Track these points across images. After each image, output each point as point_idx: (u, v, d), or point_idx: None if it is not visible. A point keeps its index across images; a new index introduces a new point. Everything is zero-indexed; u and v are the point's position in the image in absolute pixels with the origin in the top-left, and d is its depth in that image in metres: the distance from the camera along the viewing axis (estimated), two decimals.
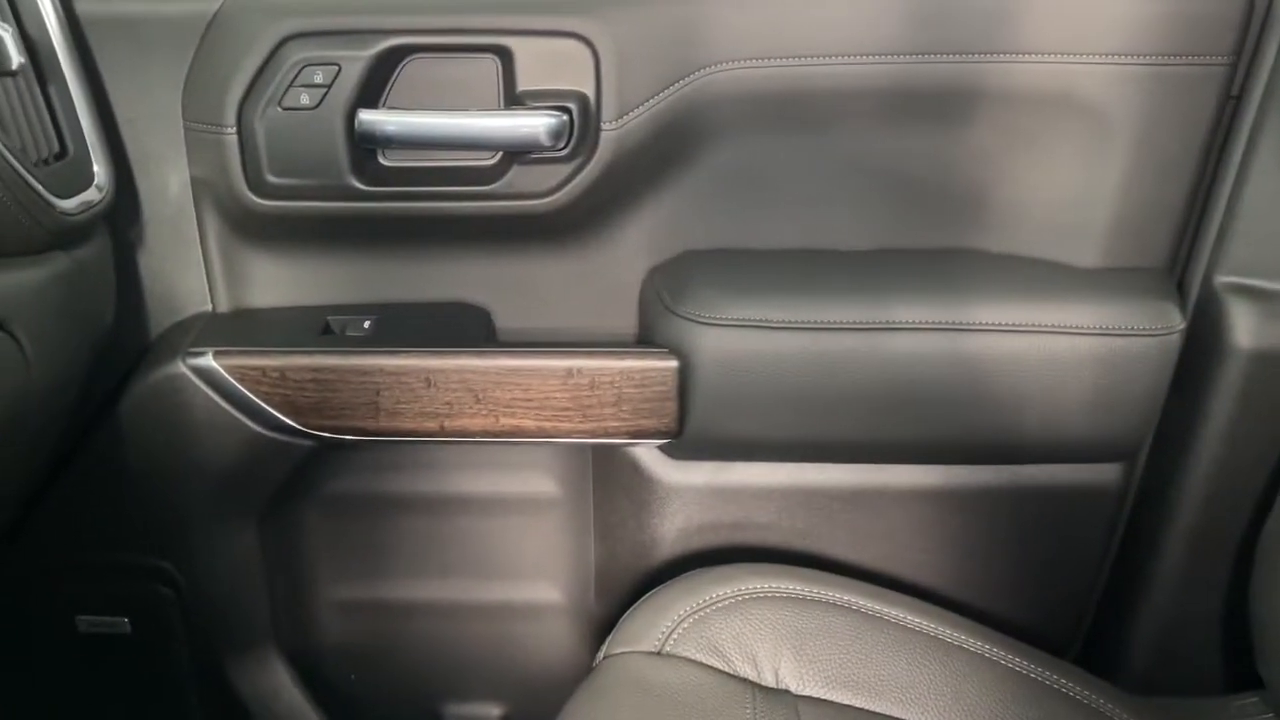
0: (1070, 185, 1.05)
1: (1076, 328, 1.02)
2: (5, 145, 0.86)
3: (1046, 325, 1.03)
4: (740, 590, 1.01)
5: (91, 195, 0.98)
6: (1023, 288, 1.05)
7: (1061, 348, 1.03)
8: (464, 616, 1.27)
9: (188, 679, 1.23)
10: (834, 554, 1.16)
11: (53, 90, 0.96)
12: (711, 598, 1.00)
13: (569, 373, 1.06)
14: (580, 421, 1.08)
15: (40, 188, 0.90)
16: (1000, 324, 1.03)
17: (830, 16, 1.00)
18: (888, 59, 1.00)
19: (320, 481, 1.20)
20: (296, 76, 0.99)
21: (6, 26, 0.89)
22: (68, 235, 0.96)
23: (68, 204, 0.94)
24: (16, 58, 0.89)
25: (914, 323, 1.03)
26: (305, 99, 1.00)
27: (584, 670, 1.01)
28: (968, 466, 1.12)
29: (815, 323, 1.04)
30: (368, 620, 1.28)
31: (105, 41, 1.02)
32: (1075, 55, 0.99)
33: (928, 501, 1.13)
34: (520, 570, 1.26)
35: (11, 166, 0.86)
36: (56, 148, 0.96)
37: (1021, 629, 1.11)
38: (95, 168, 0.99)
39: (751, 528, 1.16)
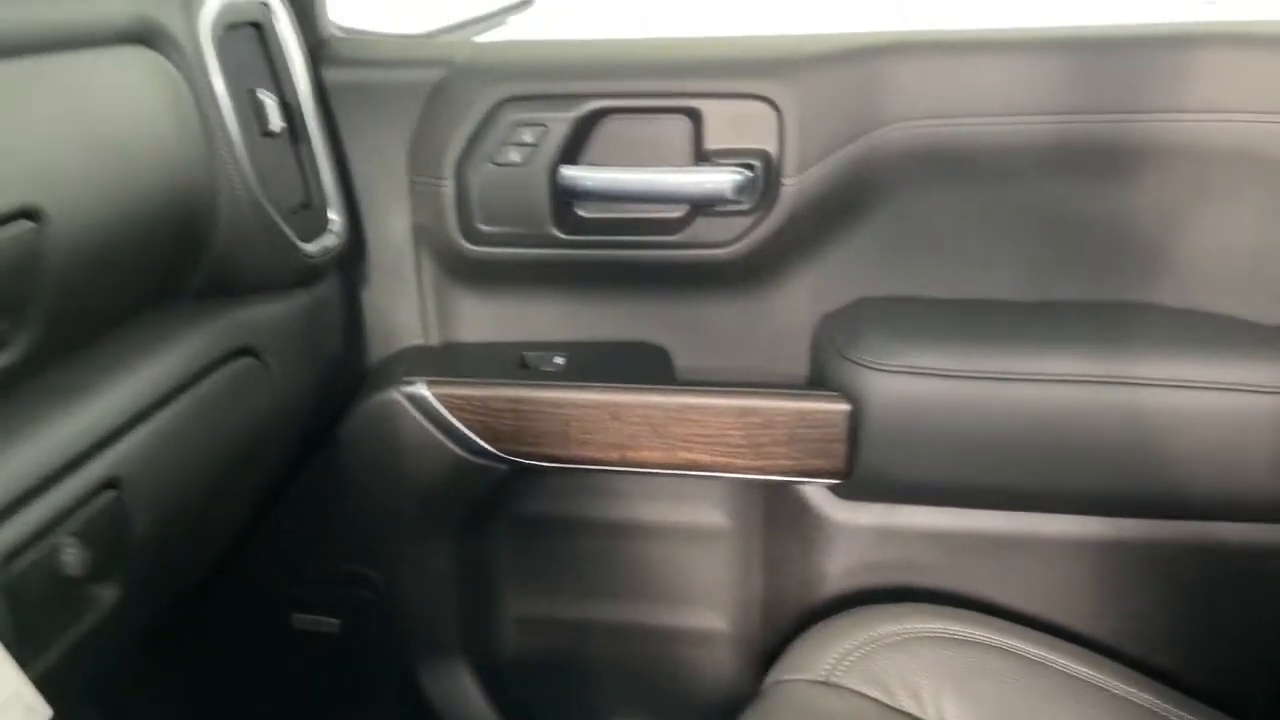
0: (1252, 241, 1.05)
1: (1260, 386, 1.02)
2: (267, 197, 1.00)
3: (1228, 383, 1.02)
4: (906, 629, 1.04)
5: (329, 240, 1.12)
6: (1201, 343, 1.05)
7: (1244, 405, 1.02)
8: (634, 637, 1.35)
9: (385, 678, 1.35)
10: (999, 599, 1.18)
11: (302, 148, 1.10)
12: (878, 634, 1.03)
13: (744, 412, 1.12)
14: (753, 459, 1.14)
15: (290, 233, 1.04)
16: (1177, 380, 1.03)
17: (1005, 77, 1.04)
18: (1062, 118, 1.03)
19: (511, 503, 1.30)
20: (509, 135, 1.11)
21: (271, 95, 1.04)
22: (309, 275, 1.10)
23: (310, 248, 1.08)
24: (278, 122, 1.04)
25: (1086, 375, 1.05)
26: (515, 156, 1.11)
27: (745, 696, 1.06)
28: (1141, 520, 1.12)
29: (986, 372, 1.07)
30: (546, 636, 1.37)
31: (345, 105, 1.16)
32: (1260, 114, 0.99)
33: (1097, 552, 1.13)
34: (689, 597, 1.32)
35: (271, 216, 1.00)
36: (302, 198, 1.10)
37: (1198, 688, 1.10)
38: (332, 216, 1.13)
39: (917, 569, 1.18)
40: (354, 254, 1.20)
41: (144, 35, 0.88)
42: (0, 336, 0.74)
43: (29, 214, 0.73)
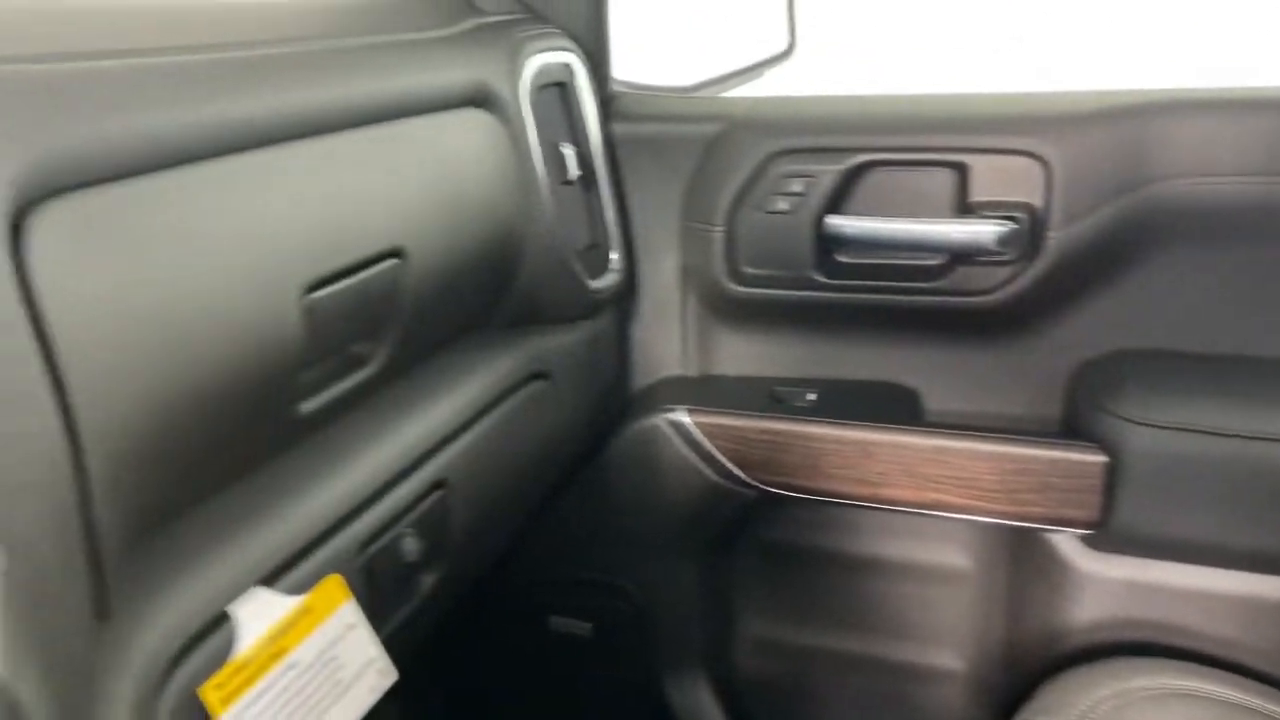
0: None
1: None
2: (564, 239, 1.12)
3: None
4: (1160, 684, 1.04)
5: (611, 278, 1.23)
6: None
7: None
8: (870, 670, 1.39)
9: (631, 684, 1.45)
10: (1250, 662, 1.15)
11: (592, 195, 1.22)
12: (1131, 687, 1.04)
13: (997, 457, 1.15)
14: (1004, 504, 1.16)
15: (581, 272, 1.16)
16: None
17: (1273, 137, 1.03)
18: None
19: (758, 528, 1.37)
20: (778, 186, 1.19)
21: (570, 147, 1.16)
22: (592, 309, 1.22)
23: (596, 284, 1.19)
24: (575, 171, 1.16)
25: None
26: (783, 205, 1.19)
27: None
28: None
29: (1249, 432, 1.05)
30: (784, 660, 1.43)
31: (629, 156, 1.27)
32: None
33: None
34: (927, 634, 1.35)
35: (568, 256, 1.12)
36: (590, 240, 1.22)
37: None
38: (613, 256, 1.25)
39: (1166, 624, 1.17)
40: (628, 290, 1.31)
41: (479, 98, 1.02)
42: (365, 354, 0.88)
43: (395, 253, 0.87)
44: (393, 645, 0.87)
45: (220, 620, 0.71)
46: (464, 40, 1.05)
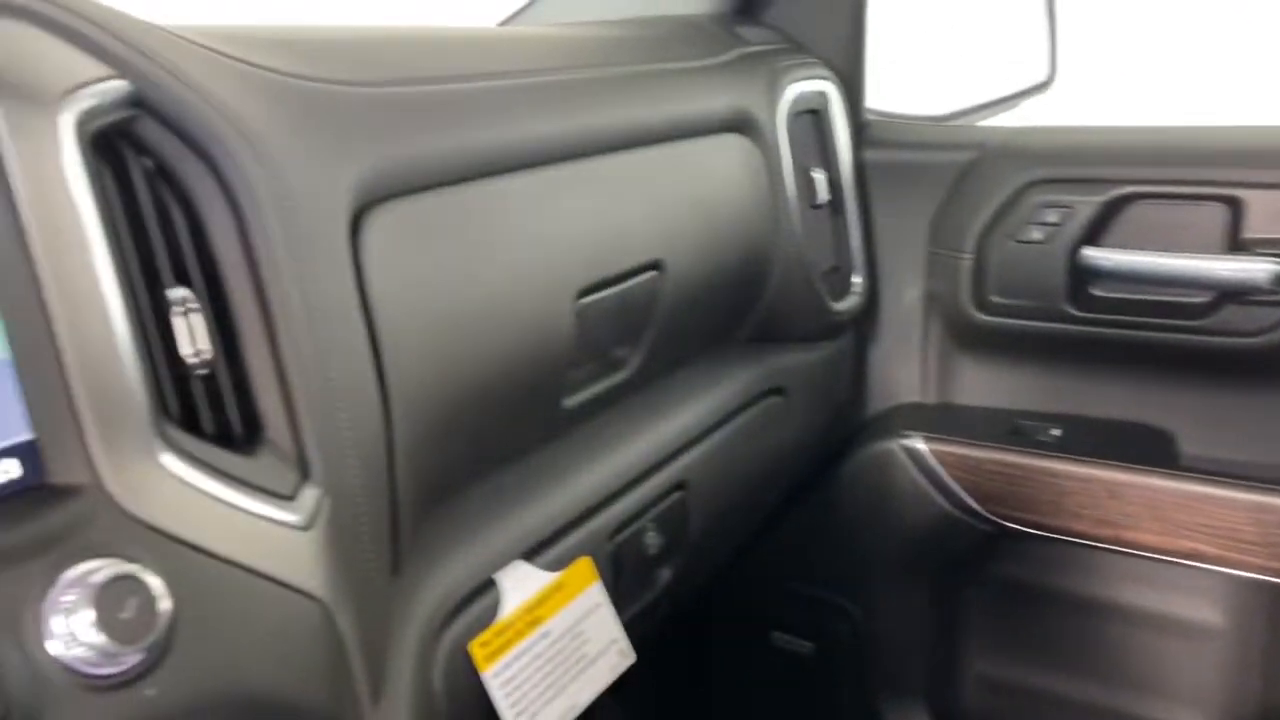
0: None
1: None
2: (809, 261, 1.16)
3: None
4: None
5: (852, 301, 1.25)
6: None
7: None
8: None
9: (848, 707, 1.45)
10: None
11: (838, 220, 1.25)
12: None
13: (1261, 508, 1.08)
14: (1266, 558, 1.09)
15: (824, 293, 1.19)
16: None
17: None
18: None
19: (990, 563, 1.35)
20: (1032, 215, 1.17)
21: (821, 172, 1.20)
22: (832, 330, 1.25)
23: (837, 306, 1.22)
24: (824, 195, 1.19)
25: None
26: (1036, 234, 1.18)
27: None
28: None
29: None
30: (1009, 699, 1.39)
31: (878, 181, 1.29)
32: None
33: None
34: (1169, 691, 1.28)
35: (812, 277, 1.16)
36: (834, 263, 1.25)
37: None
38: (855, 279, 1.27)
39: None
40: (868, 314, 1.32)
41: (739, 124, 1.08)
42: (622, 359, 0.95)
43: (655, 265, 0.93)
44: (630, 637, 0.93)
45: (487, 586, 0.79)
46: (728, 69, 1.11)
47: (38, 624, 0.44)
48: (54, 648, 0.44)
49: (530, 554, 0.83)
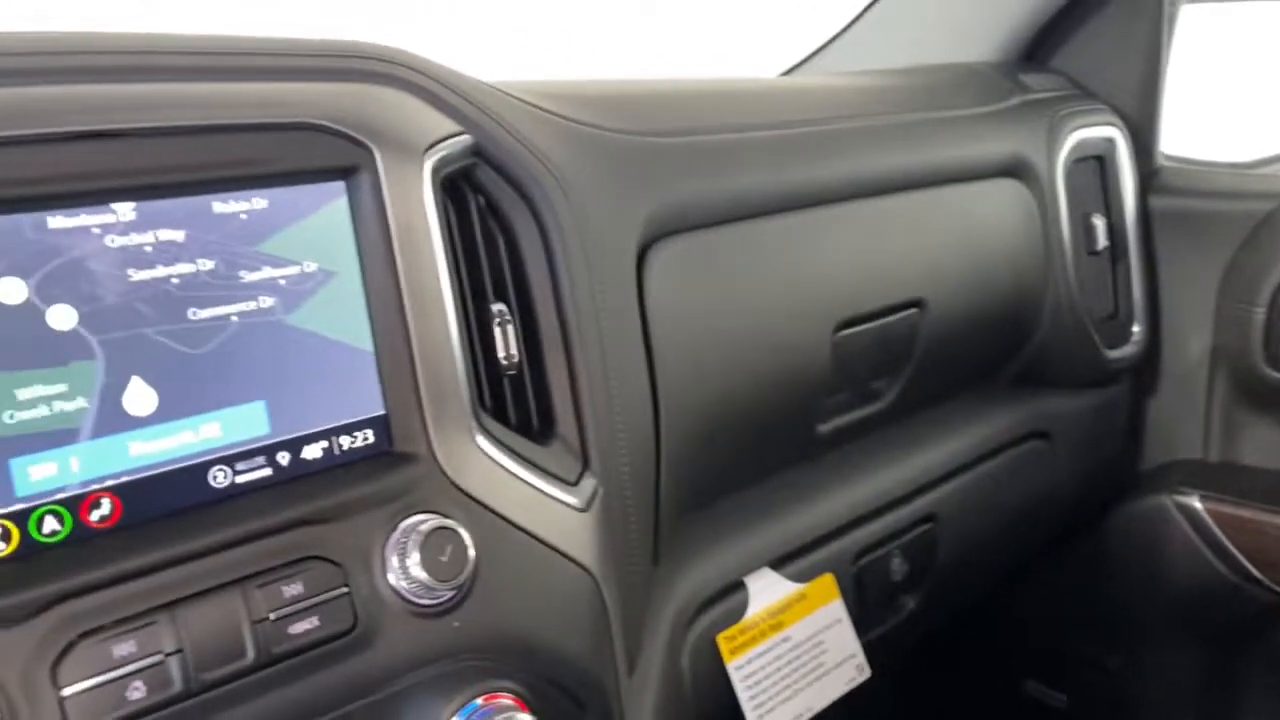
0: None
1: None
2: (1084, 307, 1.15)
3: None
4: None
5: (1129, 350, 1.23)
6: None
7: None
8: None
9: None
10: None
11: (1119, 266, 1.23)
12: None
13: None
14: None
15: (1098, 340, 1.18)
16: None
17: None
18: None
19: (1270, 633, 1.26)
20: None
21: (1101, 218, 1.19)
22: (1104, 377, 1.23)
23: (1112, 354, 1.20)
24: (1103, 241, 1.18)
25: None
26: None
27: None
28: None
29: None
30: None
31: (1166, 229, 1.26)
32: None
33: None
34: None
35: (1085, 323, 1.15)
36: (1111, 310, 1.23)
37: None
38: (1134, 328, 1.24)
39: None
40: (1147, 364, 1.29)
41: (1015, 169, 1.10)
42: (879, 390, 1.00)
43: (916, 303, 0.98)
44: (869, 658, 0.97)
45: (735, 588, 0.87)
46: (1006, 116, 1.13)
47: (381, 560, 0.57)
48: (391, 579, 0.57)
49: (777, 564, 0.90)
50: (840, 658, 0.91)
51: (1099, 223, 1.18)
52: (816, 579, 0.92)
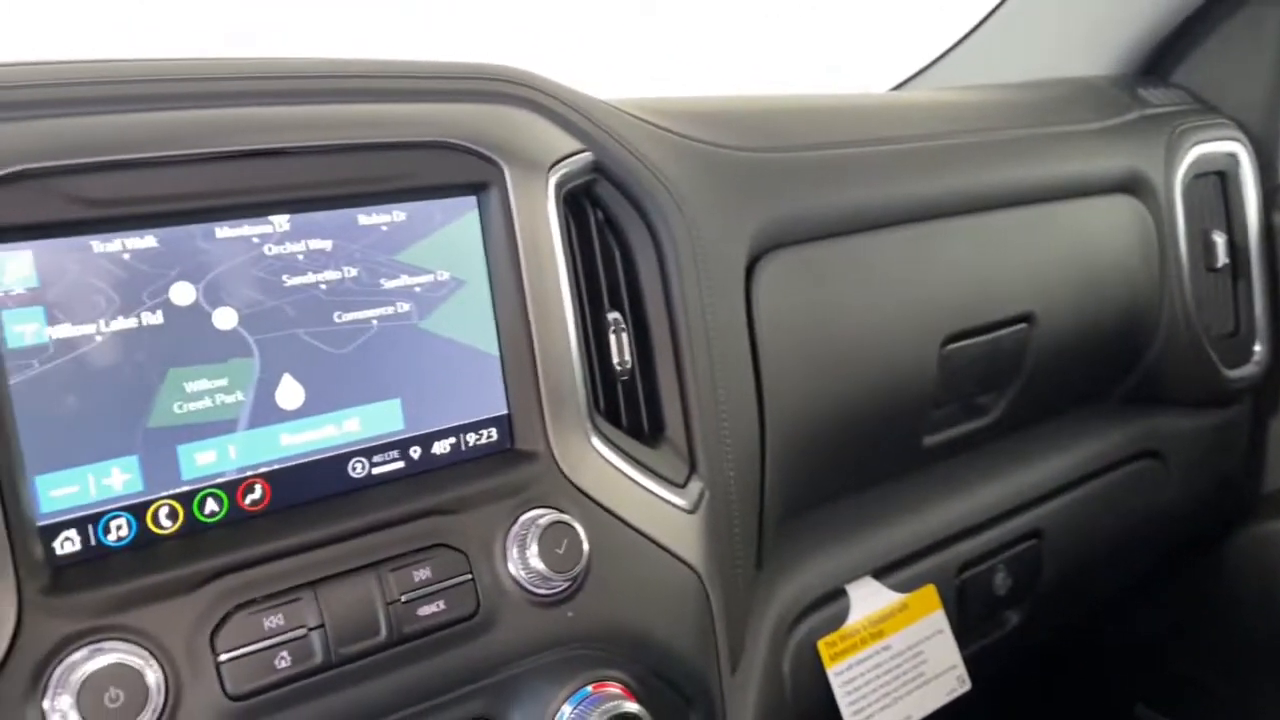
0: None
1: None
2: (1202, 325, 1.13)
3: None
4: None
5: (1250, 369, 1.20)
6: None
7: None
8: None
9: None
10: None
11: (1240, 284, 1.20)
12: None
13: None
14: None
15: (1216, 359, 1.15)
16: None
17: None
18: None
19: None
20: None
21: (1222, 234, 1.16)
22: (1223, 397, 1.20)
23: (1231, 374, 1.17)
24: (1223, 259, 1.16)
25: None
26: None
27: None
28: None
29: None
30: None
31: None
32: None
33: None
34: None
35: (1203, 341, 1.13)
36: (1231, 329, 1.20)
37: None
38: (1257, 347, 1.21)
39: None
40: (1269, 384, 1.25)
41: (1130, 185, 1.09)
42: (986, 405, 1.00)
43: (1026, 318, 0.98)
44: (971, 671, 0.97)
45: (837, 595, 0.88)
46: (1123, 131, 1.12)
47: (502, 550, 0.61)
48: (511, 568, 0.60)
49: (879, 573, 0.91)
50: (941, 668, 0.91)
51: (1219, 239, 1.16)
52: (918, 590, 0.93)
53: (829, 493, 0.90)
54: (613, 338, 0.69)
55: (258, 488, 0.56)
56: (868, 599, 0.89)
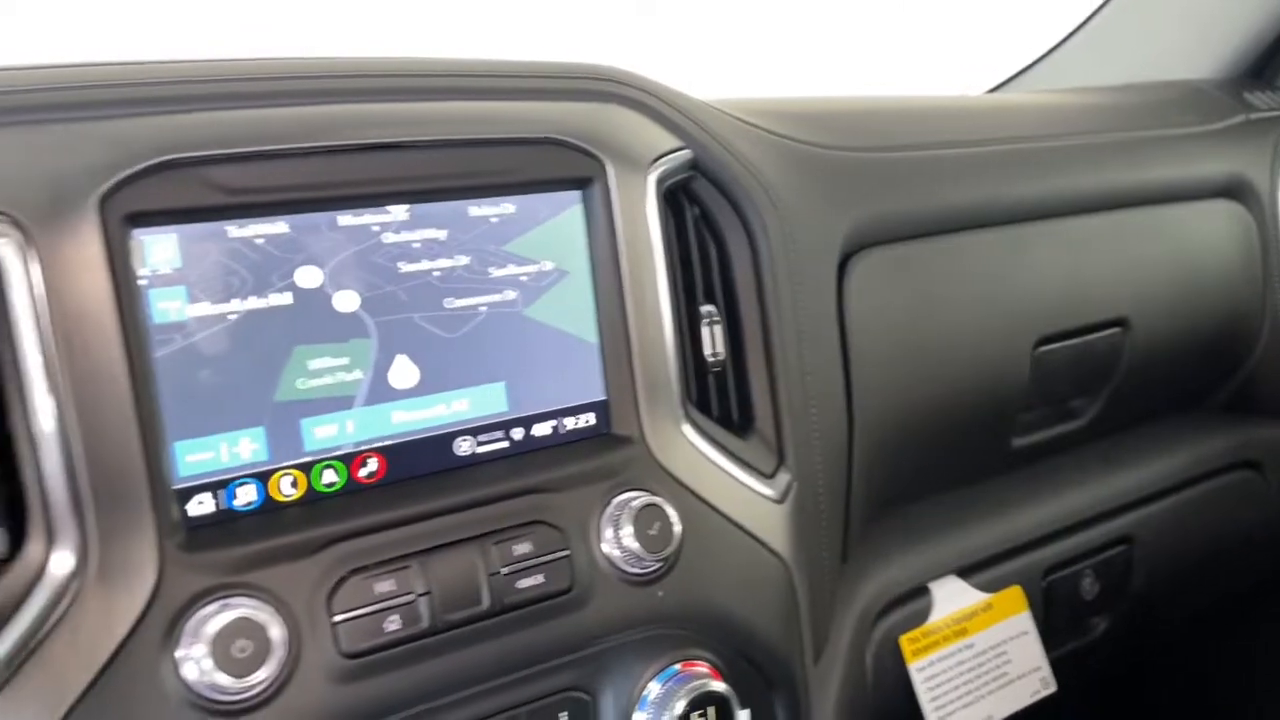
0: None
1: None
2: None
3: None
4: None
5: None
6: None
7: None
8: None
9: None
10: None
11: None
12: None
13: None
14: None
15: None
16: None
17: None
18: None
19: None
20: None
21: None
22: None
23: None
24: None
25: None
26: None
27: None
28: None
29: None
30: None
31: None
32: None
33: None
34: None
35: None
36: None
37: None
38: None
39: None
40: None
41: (1233, 190, 1.07)
42: (1078, 408, 1.00)
43: (1120, 323, 0.97)
44: (1057, 675, 0.97)
45: (920, 592, 0.89)
46: (1227, 135, 1.10)
47: (597, 529, 0.63)
48: (605, 547, 0.63)
49: (963, 572, 0.92)
50: (1025, 669, 0.91)
51: None
52: (1004, 590, 0.93)
53: (916, 491, 0.91)
54: (706, 330, 0.72)
55: (372, 461, 0.60)
56: (951, 597, 0.90)
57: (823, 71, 1.73)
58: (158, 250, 0.54)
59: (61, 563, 0.50)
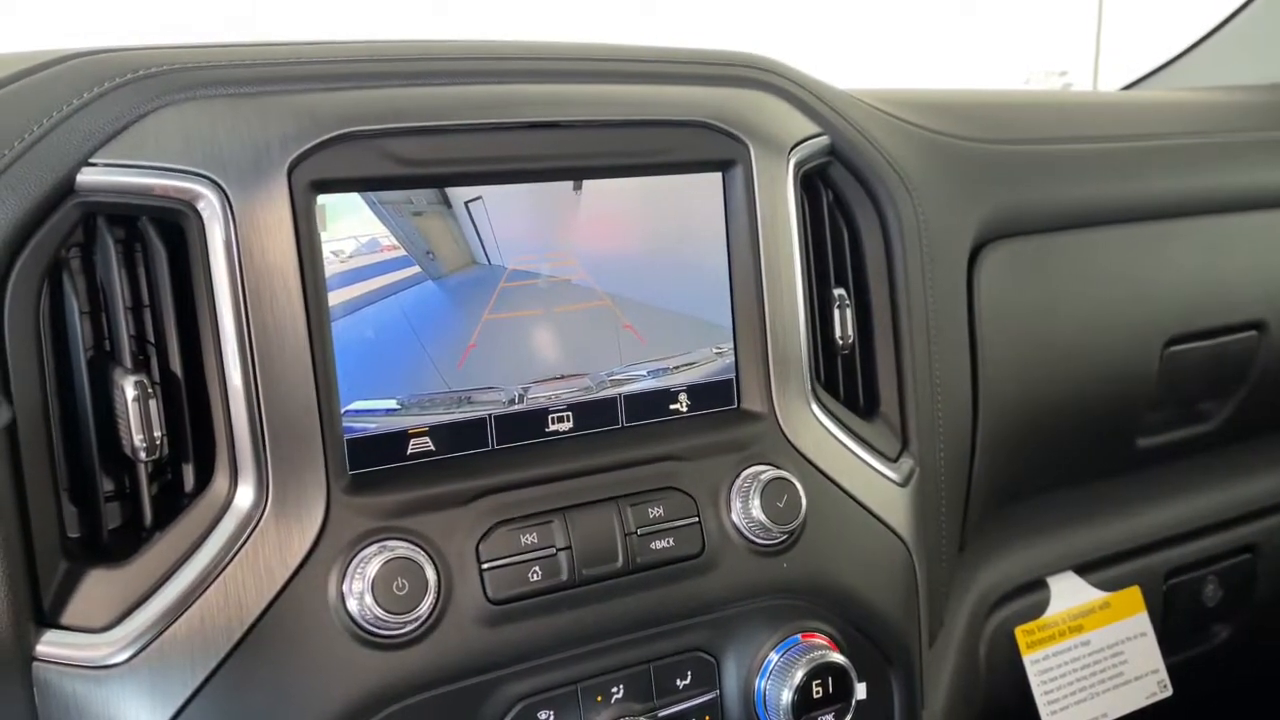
0: None
1: None
2: None
3: None
4: None
5: None
6: None
7: None
8: None
9: None
10: None
11: None
12: None
13: None
14: None
15: None
16: None
17: None
18: None
19: None
20: None
21: None
22: None
23: None
24: None
25: None
26: None
27: None
28: None
29: None
30: None
31: None
32: None
33: None
34: None
35: None
36: None
37: None
38: None
39: None
40: None
41: None
42: (1207, 412, 0.98)
43: (1257, 325, 0.95)
44: (1174, 680, 0.96)
45: (1037, 585, 0.89)
46: None
47: (726, 499, 0.66)
48: (734, 517, 0.65)
49: (1082, 569, 0.91)
50: (1142, 670, 0.91)
51: None
52: (1123, 590, 0.92)
53: (1037, 485, 0.91)
54: (836, 313, 0.73)
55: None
56: (1069, 593, 0.90)
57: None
58: (340, 215, 0.59)
59: (244, 497, 0.55)
